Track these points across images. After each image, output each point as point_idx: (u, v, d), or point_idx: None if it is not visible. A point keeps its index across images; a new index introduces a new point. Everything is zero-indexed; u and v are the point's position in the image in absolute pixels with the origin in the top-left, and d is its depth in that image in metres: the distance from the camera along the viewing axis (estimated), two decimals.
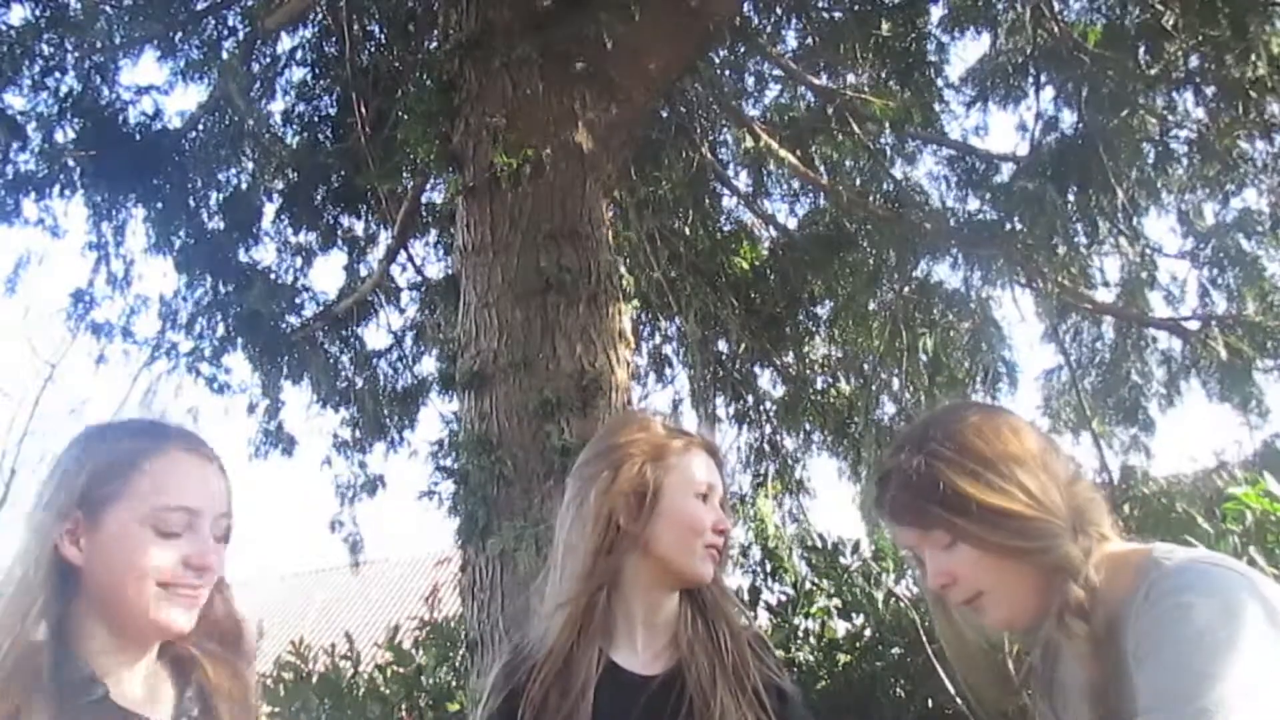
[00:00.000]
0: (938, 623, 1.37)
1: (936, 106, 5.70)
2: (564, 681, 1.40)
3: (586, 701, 1.38)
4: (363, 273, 6.27)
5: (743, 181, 6.65)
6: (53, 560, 1.13)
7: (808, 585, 3.74)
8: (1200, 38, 4.43)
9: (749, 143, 5.34)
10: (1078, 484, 1.21)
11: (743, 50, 6.18)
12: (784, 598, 3.78)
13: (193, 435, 1.24)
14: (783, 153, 5.46)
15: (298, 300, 6.08)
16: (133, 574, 1.13)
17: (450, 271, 5.42)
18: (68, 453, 1.20)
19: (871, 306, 6.34)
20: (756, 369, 6.68)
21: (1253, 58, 4.03)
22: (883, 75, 5.74)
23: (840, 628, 3.60)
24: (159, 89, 5.59)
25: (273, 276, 5.96)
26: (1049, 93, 5.40)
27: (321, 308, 6.17)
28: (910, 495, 1.20)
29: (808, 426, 6.43)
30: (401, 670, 4.52)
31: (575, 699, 1.38)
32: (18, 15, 5.00)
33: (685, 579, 1.48)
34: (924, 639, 2.98)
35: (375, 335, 8.99)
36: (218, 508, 1.20)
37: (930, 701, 3.09)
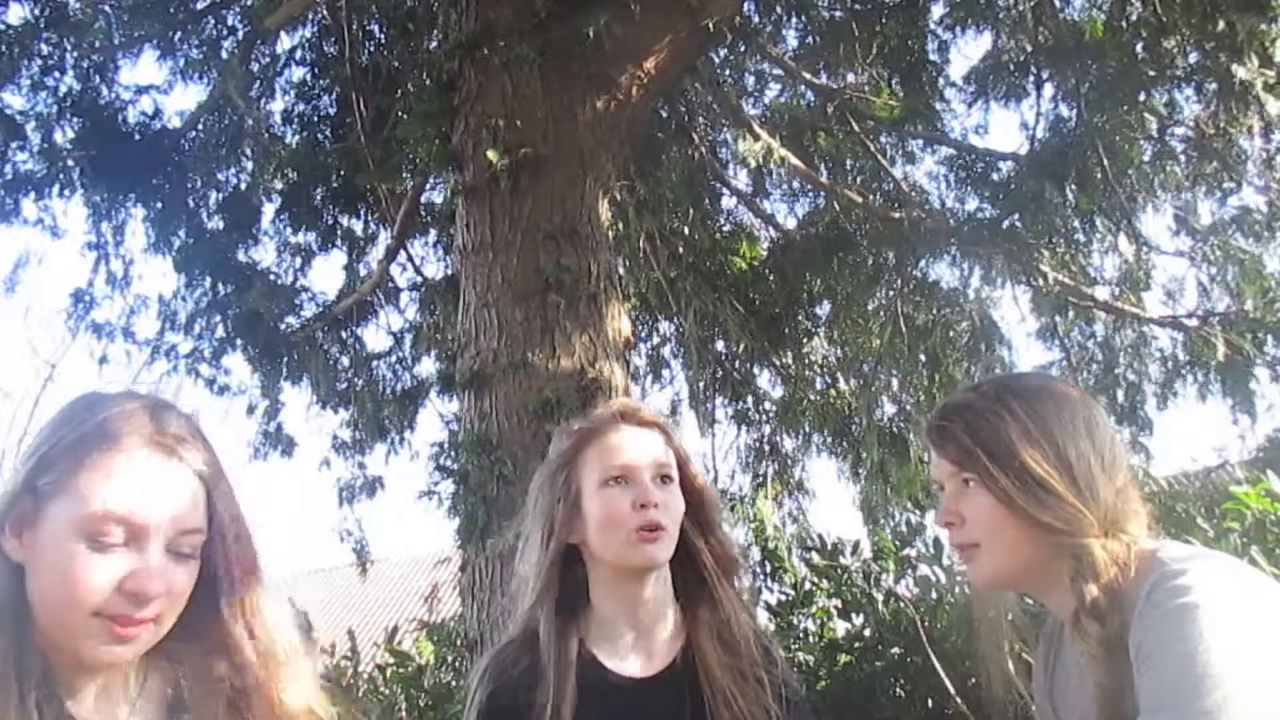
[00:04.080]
0: (976, 610, 1.40)
1: (937, 105, 5.70)
2: (547, 694, 1.35)
3: (568, 709, 1.34)
4: (362, 273, 6.27)
5: (743, 181, 6.65)
6: None
7: (808, 585, 3.73)
8: (1199, 35, 4.43)
9: (749, 142, 5.33)
10: (1129, 492, 1.22)
11: (743, 49, 6.18)
12: (784, 598, 3.77)
13: (170, 422, 1.01)
14: (783, 152, 5.45)
15: (297, 301, 6.08)
16: (63, 594, 0.93)
17: (450, 271, 5.42)
18: (44, 425, 1.02)
19: (871, 306, 6.34)
20: (756, 369, 6.68)
21: (1247, 56, 4.02)
22: (883, 74, 5.74)
23: (840, 628, 3.59)
24: (158, 89, 5.62)
25: (272, 277, 5.96)
26: (1050, 90, 5.39)
27: (321, 308, 6.17)
28: (962, 430, 1.23)
29: (807, 427, 6.43)
30: (401, 670, 4.52)
31: (557, 708, 1.33)
32: (17, 15, 5.01)
33: (629, 570, 1.43)
34: (924, 639, 2.97)
35: (375, 336, 8.99)
36: (179, 523, 0.97)
37: (930, 701, 3.08)
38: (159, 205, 5.57)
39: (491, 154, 4.03)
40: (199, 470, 1.01)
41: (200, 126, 5.76)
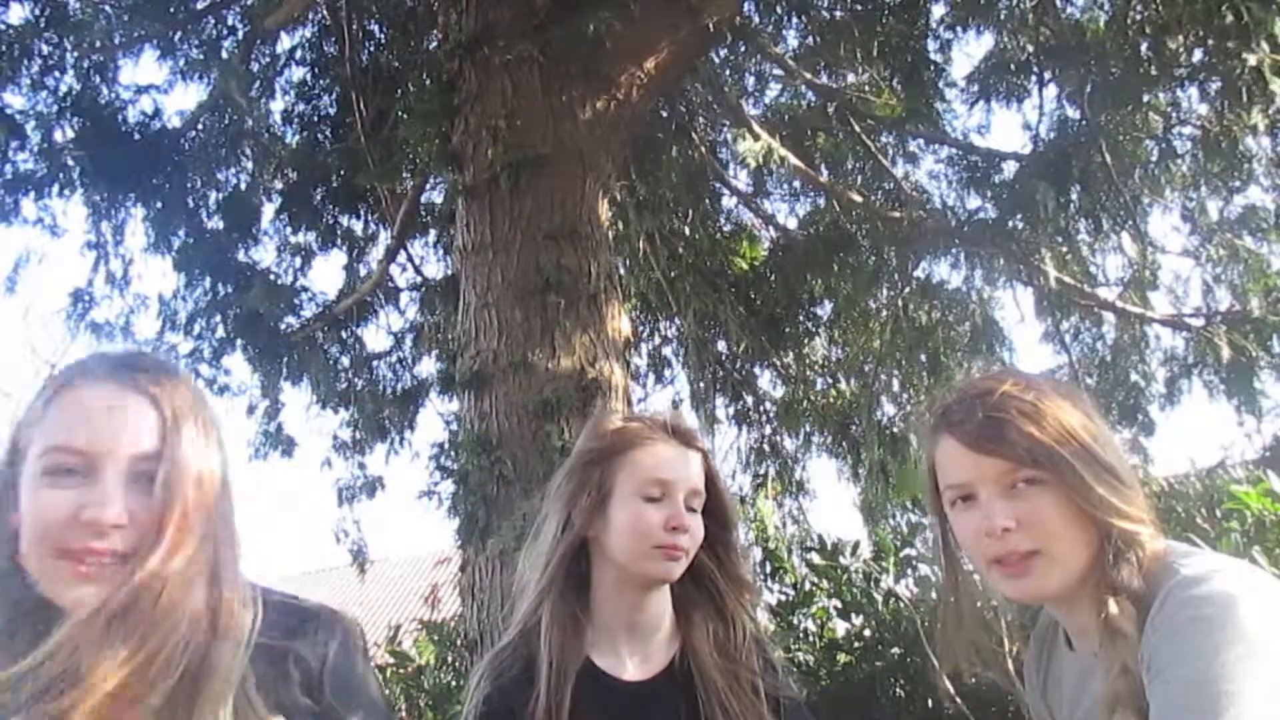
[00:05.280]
0: (945, 600, 1.30)
1: (938, 105, 5.68)
2: (541, 692, 1.35)
3: (562, 711, 1.33)
4: (362, 273, 6.27)
5: (743, 181, 6.65)
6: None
7: (808, 585, 3.74)
8: (1205, 30, 4.39)
9: (749, 142, 5.32)
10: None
11: (743, 49, 6.18)
12: (784, 598, 3.77)
13: (130, 360, 1.01)
14: (783, 152, 5.45)
15: (297, 301, 6.07)
16: (30, 536, 0.92)
17: (450, 271, 5.42)
18: None
19: (872, 306, 6.33)
20: (756, 369, 6.67)
21: (1257, 43, 3.96)
22: (884, 74, 5.73)
23: (840, 628, 3.59)
24: (158, 88, 5.62)
25: (272, 277, 5.95)
26: (1052, 90, 5.38)
27: (321, 308, 6.17)
28: (1024, 421, 1.11)
29: (807, 427, 6.42)
30: (401, 670, 4.52)
31: (551, 710, 1.33)
32: (17, 14, 5.01)
33: (642, 581, 1.43)
34: (924, 639, 2.97)
35: (375, 336, 8.99)
36: (134, 447, 0.93)
37: (930, 701, 3.08)
38: (159, 205, 5.57)
39: (491, 154, 4.03)
40: (156, 397, 0.97)
41: (200, 126, 5.77)
